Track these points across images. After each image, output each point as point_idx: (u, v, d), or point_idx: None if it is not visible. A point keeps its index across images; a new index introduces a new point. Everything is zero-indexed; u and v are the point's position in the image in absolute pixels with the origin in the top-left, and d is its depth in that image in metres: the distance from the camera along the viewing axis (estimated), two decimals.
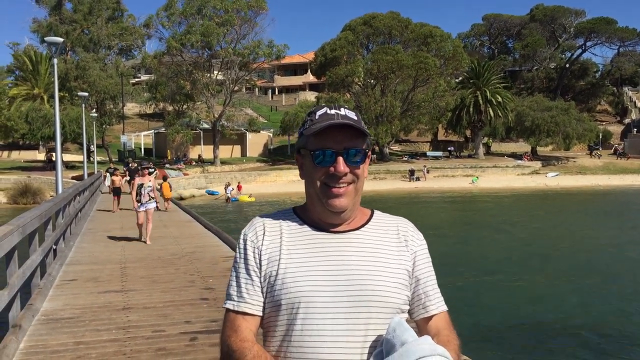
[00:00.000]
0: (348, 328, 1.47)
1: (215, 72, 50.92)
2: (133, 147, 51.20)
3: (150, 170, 13.97)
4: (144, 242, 11.33)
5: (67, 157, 44.85)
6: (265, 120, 64.96)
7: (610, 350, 9.15)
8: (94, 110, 46.36)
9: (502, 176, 50.46)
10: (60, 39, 18.13)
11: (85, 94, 36.24)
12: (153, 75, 53.21)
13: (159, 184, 18.64)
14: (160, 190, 19.34)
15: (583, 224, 24.82)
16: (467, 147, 63.14)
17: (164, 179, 22.05)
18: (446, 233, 21.61)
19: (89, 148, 37.58)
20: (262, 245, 1.56)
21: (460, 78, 61.52)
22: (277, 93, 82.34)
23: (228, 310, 1.56)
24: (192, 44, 46.82)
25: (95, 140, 42.35)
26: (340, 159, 1.51)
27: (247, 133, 55.05)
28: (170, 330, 5.38)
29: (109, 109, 50.75)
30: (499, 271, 14.83)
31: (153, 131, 56.11)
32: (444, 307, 1.62)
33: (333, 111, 1.54)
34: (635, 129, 68.02)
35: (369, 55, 54.67)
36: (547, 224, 24.85)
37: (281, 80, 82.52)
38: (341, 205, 1.53)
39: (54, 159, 26.41)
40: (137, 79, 65.17)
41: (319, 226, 1.58)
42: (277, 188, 41.34)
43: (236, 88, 52.09)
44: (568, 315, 10.96)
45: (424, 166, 49.76)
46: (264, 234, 1.57)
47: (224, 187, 37.26)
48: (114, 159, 46.74)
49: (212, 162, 49.48)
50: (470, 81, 59.55)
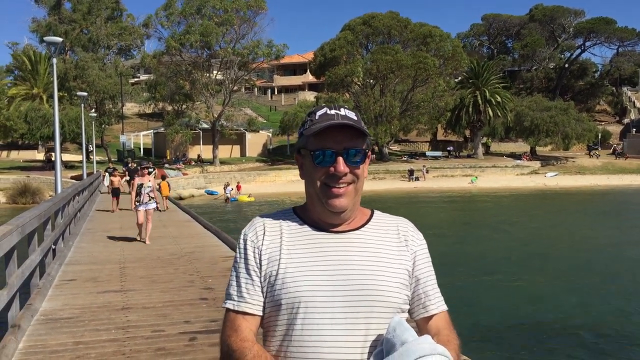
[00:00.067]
0: (348, 328, 1.47)
1: (215, 72, 50.91)
2: (132, 147, 51.16)
3: (149, 170, 13.96)
4: (143, 242, 11.33)
5: (66, 157, 44.81)
6: (264, 120, 64.96)
7: (609, 349, 9.16)
8: (93, 110, 46.31)
9: (501, 176, 50.47)
10: (59, 39, 18.11)
11: (85, 93, 36.17)
12: (152, 75, 53.18)
13: (157, 184, 18.62)
14: (159, 190, 19.34)
15: (582, 224, 24.84)
16: (466, 147, 63.15)
17: (162, 178, 22.04)
18: (445, 233, 21.61)
19: (88, 148, 37.52)
20: (262, 245, 1.56)
21: (460, 78, 61.55)
22: (276, 93, 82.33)
23: (228, 310, 1.56)
24: (191, 44, 46.81)
25: (95, 140, 42.30)
26: (340, 159, 1.51)
27: (247, 133, 55.03)
28: (169, 330, 5.38)
29: (108, 108, 50.70)
30: (498, 271, 14.84)
31: (152, 131, 56.07)
32: (444, 306, 1.63)
33: (333, 111, 1.54)
34: (634, 129, 68.05)
35: (368, 55, 54.68)
36: (546, 223, 24.86)
37: (280, 80, 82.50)
38: (341, 205, 1.53)
39: (53, 158, 26.39)
40: (136, 79, 65.12)
41: (319, 226, 1.58)
42: (276, 188, 41.33)
43: (235, 88, 52.08)
44: (567, 314, 10.96)
45: (423, 166, 49.76)
46: (264, 233, 1.58)
47: (223, 187, 37.23)
48: (113, 159, 46.71)
49: (211, 162, 49.46)
50: (470, 81, 59.58)
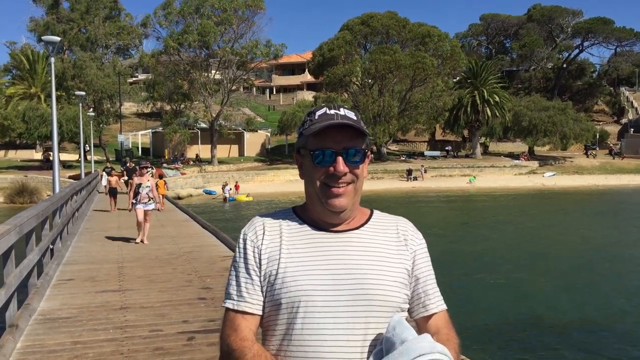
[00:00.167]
0: (348, 327, 1.47)
1: (213, 72, 50.87)
2: (130, 146, 51.03)
3: (148, 170, 13.93)
4: (142, 242, 11.29)
5: (64, 156, 44.76)
6: (262, 119, 64.94)
7: (607, 348, 9.17)
8: (91, 110, 46.21)
9: (499, 176, 50.51)
10: (58, 38, 18.07)
11: (83, 93, 36.09)
12: (150, 75, 53.11)
13: (155, 183, 18.57)
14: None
15: (580, 224, 24.88)
16: (464, 147, 63.18)
17: (159, 177, 22.00)
18: (443, 232, 21.63)
19: (85, 147, 37.47)
20: (261, 244, 1.56)
21: (458, 78, 61.59)
22: (274, 92, 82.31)
23: (228, 309, 1.56)
24: (190, 44, 46.76)
25: (93, 139, 42.21)
26: (339, 159, 1.52)
27: (245, 132, 55.01)
28: (167, 329, 5.38)
29: (106, 108, 50.63)
30: (496, 270, 14.85)
31: (150, 130, 56.01)
32: (444, 306, 1.63)
33: (332, 111, 1.54)
34: (632, 129, 68.16)
35: (366, 55, 54.68)
36: (544, 223, 24.89)
37: (279, 80, 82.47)
38: (341, 205, 1.54)
39: (51, 158, 26.35)
40: (134, 78, 65.06)
41: (319, 226, 1.58)
42: (274, 188, 41.33)
43: (234, 87, 52.04)
44: (565, 314, 10.98)
45: (422, 166, 49.78)
46: (263, 233, 1.58)
47: (221, 186, 37.19)
48: (111, 159, 46.65)
49: (209, 162, 49.42)
50: (468, 81, 59.62)
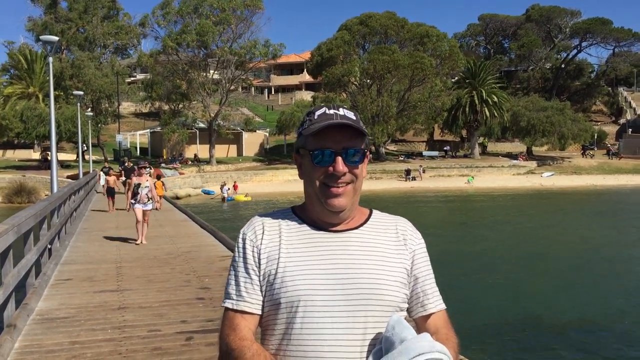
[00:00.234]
0: (347, 326, 1.47)
1: (212, 72, 50.85)
2: (129, 146, 51.03)
3: (146, 170, 13.90)
4: (140, 242, 11.27)
5: (62, 156, 44.65)
6: (261, 119, 64.94)
7: (606, 348, 9.18)
8: (89, 109, 46.15)
9: (497, 176, 50.57)
10: (56, 38, 18.03)
11: (81, 92, 36.05)
12: (149, 74, 53.08)
13: (153, 183, 18.56)
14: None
15: (578, 224, 24.92)
16: (463, 147, 63.25)
17: (157, 177, 21.98)
18: (442, 232, 21.64)
19: (82, 147, 37.43)
20: (261, 244, 1.56)
21: (456, 78, 61.64)
22: (273, 92, 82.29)
23: (227, 309, 1.56)
24: (188, 43, 46.73)
25: (91, 139, 42.20)
26: (339, 158, 1.52)
27: (243, 132, 55.00)
28: (166, 329, 5.37)
29: (104, 107, 50.59)
30: (494, 270, 14.87)
31: (149, 130, 55.98)
32: (442, 305, 1.63)
33: (332, 111, 1.54)
34: (630, 129, 68.27)
35: (365, 55, 54.69)
36: (542, 223, 24.92)
37: (277, 80, 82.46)
38: (340, 205, 1.54)
39: (49, 158, 26.31)
40: (132, 78, 65.06)
41: (318, 225, 1.58)
42: (273, 187, 41.33)
43: (232, 87, 52.02)
44: (564, 313, 11.00)
45: (420, 166, 49.81)
46: (263, 233, 1.58)
47: (220, 186, 37.17)
48: (109, 158, 46.59)
49: (208, 162, 49.41)
50: (466, 81, 59.68)
